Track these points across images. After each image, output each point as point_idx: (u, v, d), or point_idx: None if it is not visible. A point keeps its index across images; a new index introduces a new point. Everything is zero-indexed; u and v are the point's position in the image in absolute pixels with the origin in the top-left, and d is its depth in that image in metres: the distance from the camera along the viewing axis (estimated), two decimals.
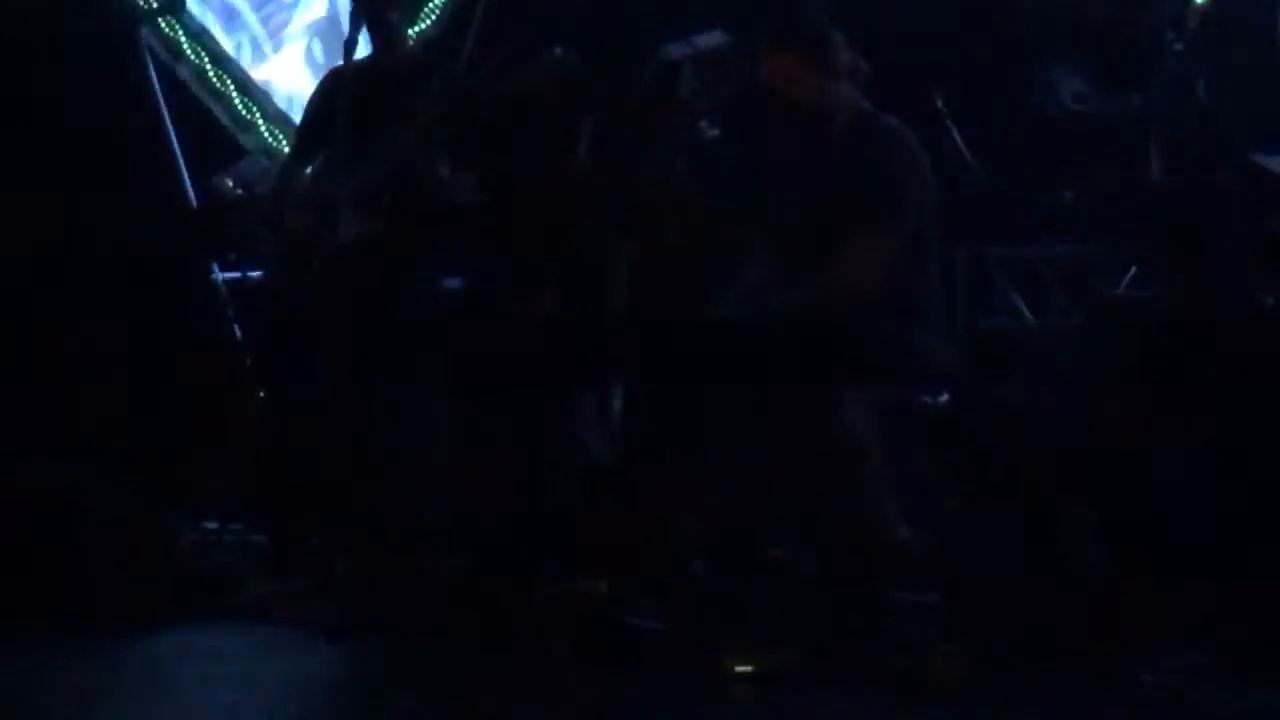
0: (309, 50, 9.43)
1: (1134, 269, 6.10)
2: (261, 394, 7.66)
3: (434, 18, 8.92)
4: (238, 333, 7.70)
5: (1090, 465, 5.35)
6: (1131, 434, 5.03)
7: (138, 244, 8.29)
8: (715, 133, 6.41)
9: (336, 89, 7.17)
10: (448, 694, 5.32)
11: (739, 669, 5.45)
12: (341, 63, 7.10)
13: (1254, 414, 4.70)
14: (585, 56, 6.45)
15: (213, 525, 7.49)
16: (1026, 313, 7.12)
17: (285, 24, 9.52)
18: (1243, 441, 4.70)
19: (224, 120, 9.25)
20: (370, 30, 7.16)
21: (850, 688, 5.26)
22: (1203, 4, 6.91)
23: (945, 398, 6.27)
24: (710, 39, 6.47)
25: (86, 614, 6.12)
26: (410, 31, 7.69)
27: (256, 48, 9.52)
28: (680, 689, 5.33)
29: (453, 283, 6.75)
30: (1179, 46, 6.28)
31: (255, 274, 7.73)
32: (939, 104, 6.17)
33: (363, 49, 7.07)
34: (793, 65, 6.35)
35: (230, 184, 7.89)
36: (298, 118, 8.11)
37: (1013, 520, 5.88)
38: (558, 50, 6.44)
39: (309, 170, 7.16)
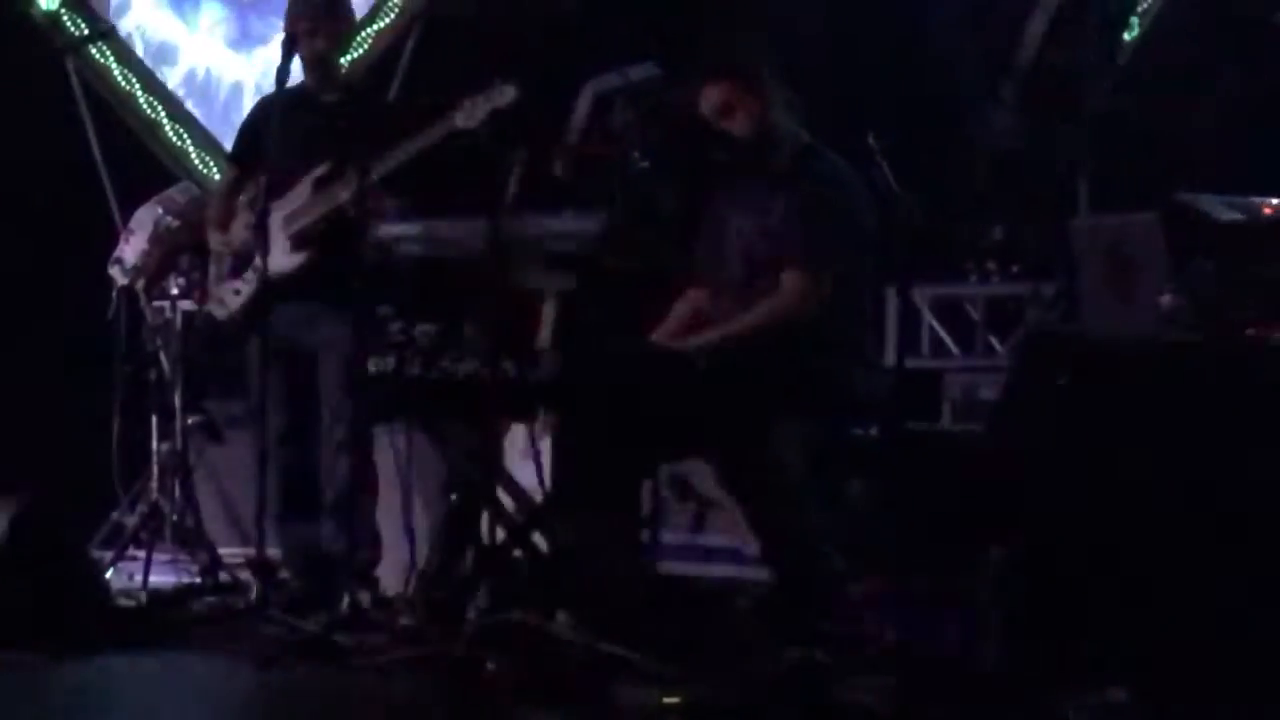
0: None
1: (1062, 304, 6.15)
2: (191, 421, 7.64)
3: (367, 45, 8.93)
4: (164, 364, 7.67)
5: (1018, 499, 5.38)
6: (1058, 467, 5.06)
7: (70, 271, 8.26)
8: (647, 165, 6.42)
9: (267, 117, 7.16)
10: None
11: (668, 700, 5.47)
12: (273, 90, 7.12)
13: (1178, 445, 4.73)
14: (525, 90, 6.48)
15: (140, 555, 7.46)
16: (954, 348, 7.17)
17: None
18: (1169, 472, 4.73)
19: (154, 148, 9.23)
20: (302, 58, 7.17)
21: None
22: (1132, 41, 6.98)
23: (874, 430, 6.30)
24: (642, 71, 6.49)
25: (14, 644, 6.11)
26: (343, 60, 7.65)
27: None
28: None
29: (383, 313, 6.74)
30: (1108, 85, 6.34)
31: (186, 302, 7.71)
32: (870, 139, 6.19)
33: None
34: (729, 96, 6.39)
35: (161, 211, 7.87)
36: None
37: (942, 554, 5.92)
38: (497, 83, 6.46)
39: (241, 199, 7.15)
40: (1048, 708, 4.99)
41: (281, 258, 6.89)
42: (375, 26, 8.79)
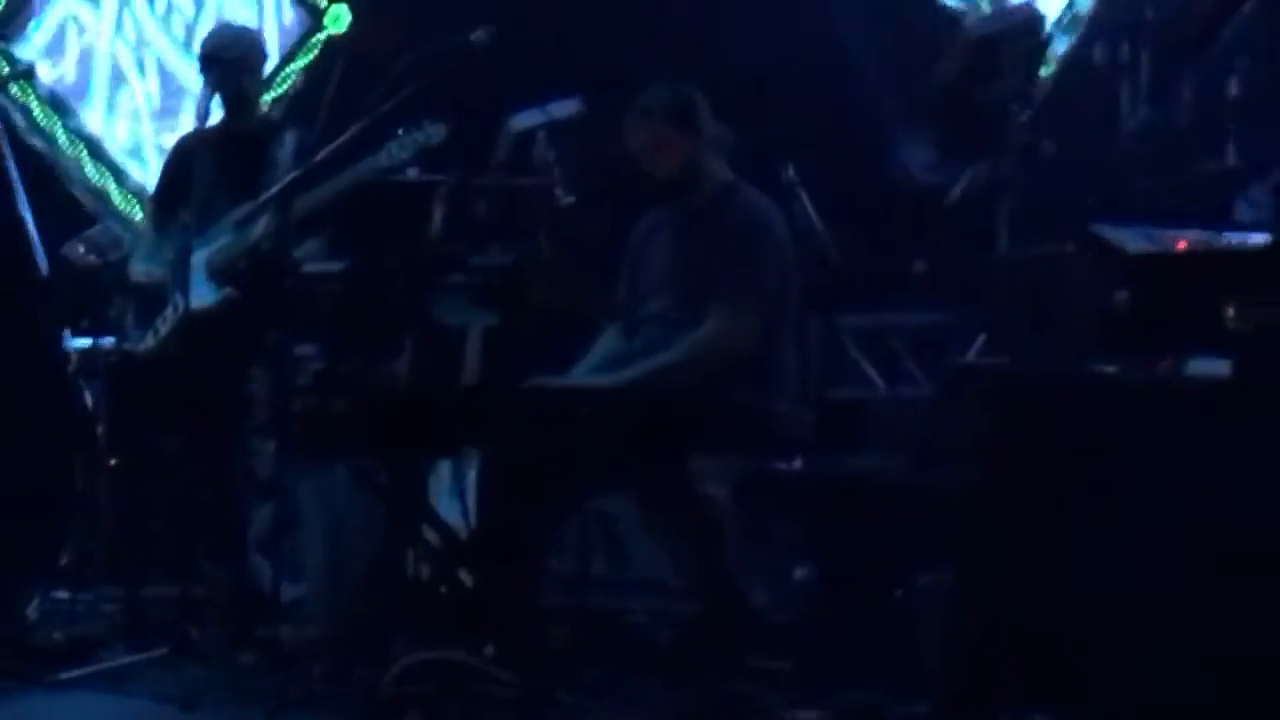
0: None
1: (982, 337, 6.19)
2: (113, 461, 7.61)
3: (289, 82, 8.94)
4: (88, 400, 7.65)
5: (941, 532, 5.42)
6: (982, 498, 5.10)
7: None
8: (571, 200, 6.45)
9: (190, 154, 7.17)
10: None
11: None
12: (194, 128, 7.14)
13: (1098, 474, 4.77)
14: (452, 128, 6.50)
15: (63, 595, 7.44)
16: (878, 380, 7.20)
17: None
18: (1090, 501, 4.77)
19: (76, 191, 9.22)
20: (222, 96, 7.18)
21: None
22: (1048, 77, 7.04)
23: (798, 464, 6.33)
24: (565, 107, 6.52)
25: None
26: (266, 97, 7.66)
27: None
28: None
29: (305, 351, 6.73)
30: (1025, 119, 6.39)
31: (107, 340, 7.69)
32: (790, 173, 6.25)
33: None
34: (659, 132, 6.41)
35: (83, 250, 7.85)
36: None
37: (865, 588, 5.96)
38: (425, 124, 6.48)
39: (163, 236, 7.15)
40: None
41: (202, 294, 6.90)
42: (296, 65, 8.83)
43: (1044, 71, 7.03)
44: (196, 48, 8.02)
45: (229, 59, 7.21)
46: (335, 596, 6.44)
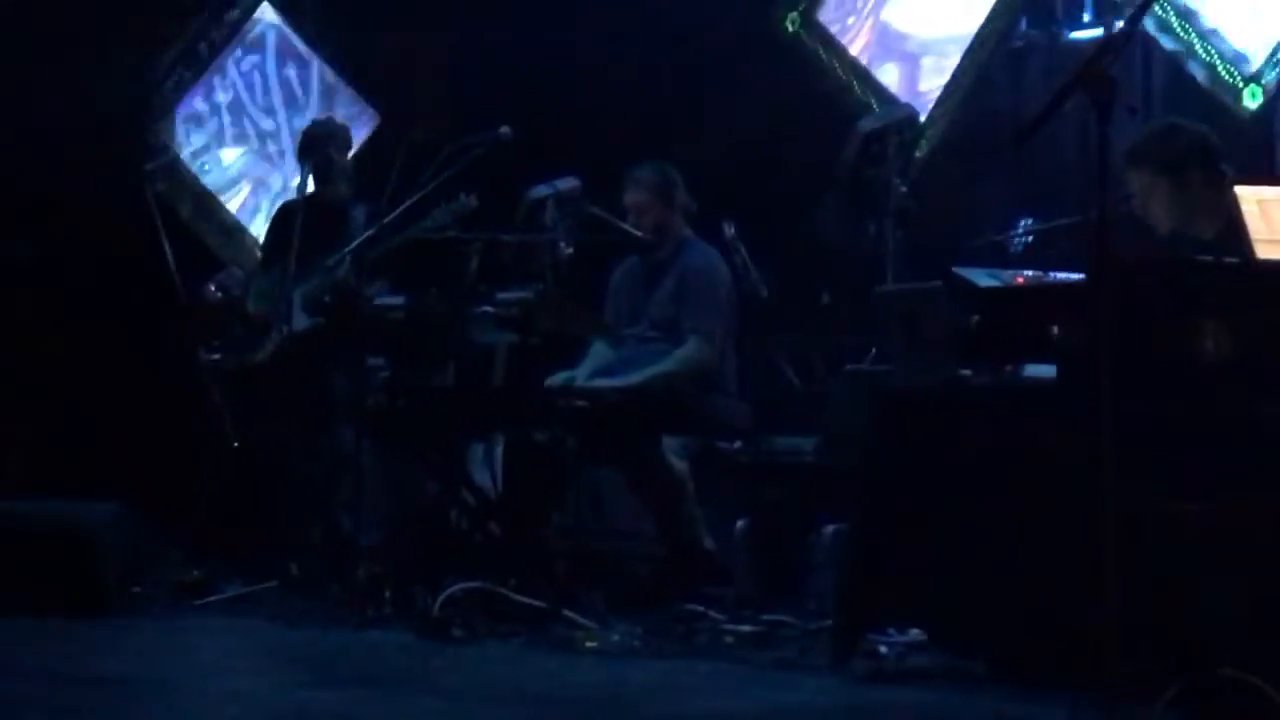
0: None
1: (873, 350, 6.17)
2: (235, 445, 7.58)
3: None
4: (216, 399, 7.62)
5: (840, 494, 5.43)
6: (869, 470, 5.09)
7: (145, 333, 8.20)
8: (570, 251, 6.43)
9: (288, 218, 7.15)
10: (375, 666, 5.32)
11: (589, 644, 5.49)
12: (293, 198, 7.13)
13: (956, 452, 4.78)
14: (481, 200, 6.49)
15: (199, 542, 7.40)
16: (798, 384, 7.17)
17: None
18: (951, 471, 4.77)
19: (207, 240, 9.19)
20: (314, 173, 7.16)
21: (673, 658, 5.30)
22: (921, 157, 7.03)
23: (738, 445, 6.32)
24: (567, 183, 6.51)
25: (102, 610, 6.08)
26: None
27: None
28: (546, 660, 5.35)
29: (376, 363, 6.71)
30: (904, 189, 6.38)
31: (230, 356, 7.65)
32: (730, 230, 6.24)
33: None
34: (643, 197, 6.43)
35: (212, 288, 7.83)
36: None
37: (785, 536, 5.96)
38: (463, 196, 6.47)
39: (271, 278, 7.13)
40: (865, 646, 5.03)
41: (300, 321, 6.89)
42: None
43: (918, 154, 6.99)
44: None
45: (321, 145, 7.19)
46: (398, 542, 6.40)
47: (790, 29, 7.83)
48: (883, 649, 5.02)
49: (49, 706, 4.64)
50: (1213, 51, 6.82)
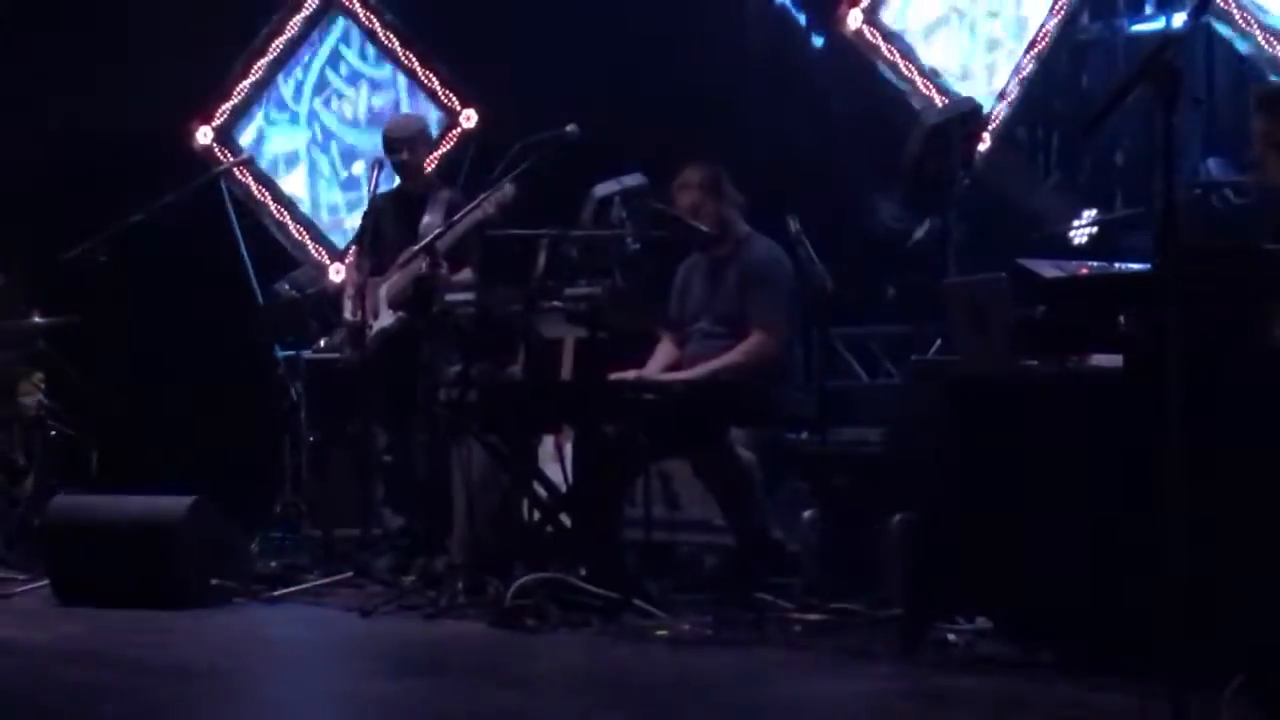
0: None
1: (938, 342, 6.14)
2: (311, 438, 7.62)
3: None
4: (294, 394, 7.66)
5: (907, 484, 5.39)
6: (937, 460, 5.06)
7: (222, 330, 8.25)
8: (637, 247, 6.41)
9: (374, 213, 7.19)
10: (449, 656, 5.33)
11: (659, 633, 5.47)
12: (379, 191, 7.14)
13: (1022, 442, 4.74)
14: (539, 199, 6.48)
15: (276, 535, 7.45)
16: (863, 375, 7.15)
17: None
18: (1018, 462, 4.74)
19: (282, 241, 9.22)
20: (396, 167, 7.18)
21: (743, 647, 5.28)
22: (985, 152, 6.98)
23: (804, 435, 6.29)
24: (633, 179, 6.49)
25: (181, 601, 6.13)
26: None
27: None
28: (618, 650, 5.34)
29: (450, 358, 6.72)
30: (967, 182, 6.34)
31: (305, 353, 7.69)
32: (795, 225, 6.20)
33: None
34: (695, 197, 6.40)
35: (287, 287, 7.87)
36: None
37: (853, 526, 5.92)
38: (505, 185, 6.46)
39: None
40: (933, 635, 5.00)
41: (385, 317, 6.91)
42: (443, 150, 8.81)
43: (981, 148, 6.95)
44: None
45: (403, 137, 7.21)
46: (471, 534, 6.41)
47: (853, 25, 7.79)
48: (950, 638, 5.01)
49: (129, 697, 4.67)
50: (1253, 23, 6.75)
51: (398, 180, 7.23)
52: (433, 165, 7.86)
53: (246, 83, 9.35)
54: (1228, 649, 3.90)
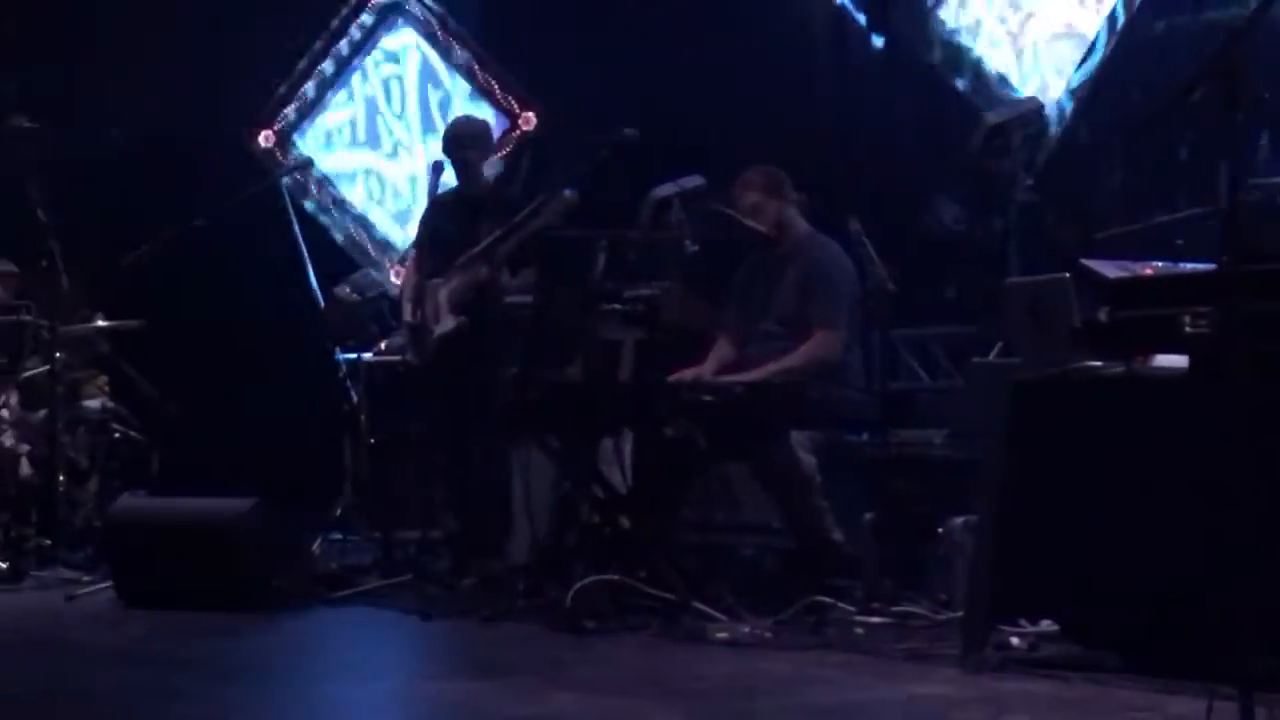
0: None
1: (999, 344, 6.09)
2: (372, 441, 7.64)
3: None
4: (354, 397, 7.68)
5: (969, 486, 5.35)
6: (999, 464, 5.02)
7: (286, 334, 8.29)
8: (696, 249, 6.40)
9: (434, 215, 7.20)
10: (508, 658, 5.33)
11: (719, 636, 5.45)
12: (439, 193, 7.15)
13: (1083, 440, 4.70)
14: (598, 201, 6.47)
15: (337, 537, 7.47)
16: (924, 376, 7.10)
17: None
18: (1079, 459, 4.70)
19: (343, 244, 9.26)
20: (457, 169, 7.18)
21: (804, 650, 5.25)
22: (1045, 152, 6.92)
23: (865, 437, 6.26)
24: (692, 181, 6.48)
25: (242, 603, 6.16)
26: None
27: None
28: (677, 653, 5.32)
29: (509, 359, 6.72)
30: (1030, 183, 6.28)
31: (366, 355, 7.71)
32: (855, 226, 6.17)
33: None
34: (755, 198, 6.37)
35: (348, 290, 7.89)
36: None
37: (914, 528, 5.89)
38: (566, 192, 6.46)
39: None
40: (996, 637, 4.97)
41: (445, 321, 6.92)
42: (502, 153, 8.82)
43: (1044, 147, 6.90)
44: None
45: (465, 142, 7.21)
46: (531, 536, 6.41)
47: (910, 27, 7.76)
48: (1014, 640, 4.96)
49: (192, 699, 4.69)
50: None
51: (456, 182, 7.23)
52: (492, 168, 7.86)
53: (308, 86, 9.39)
54: None
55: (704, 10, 7.90)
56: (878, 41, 7.90)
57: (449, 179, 7.17)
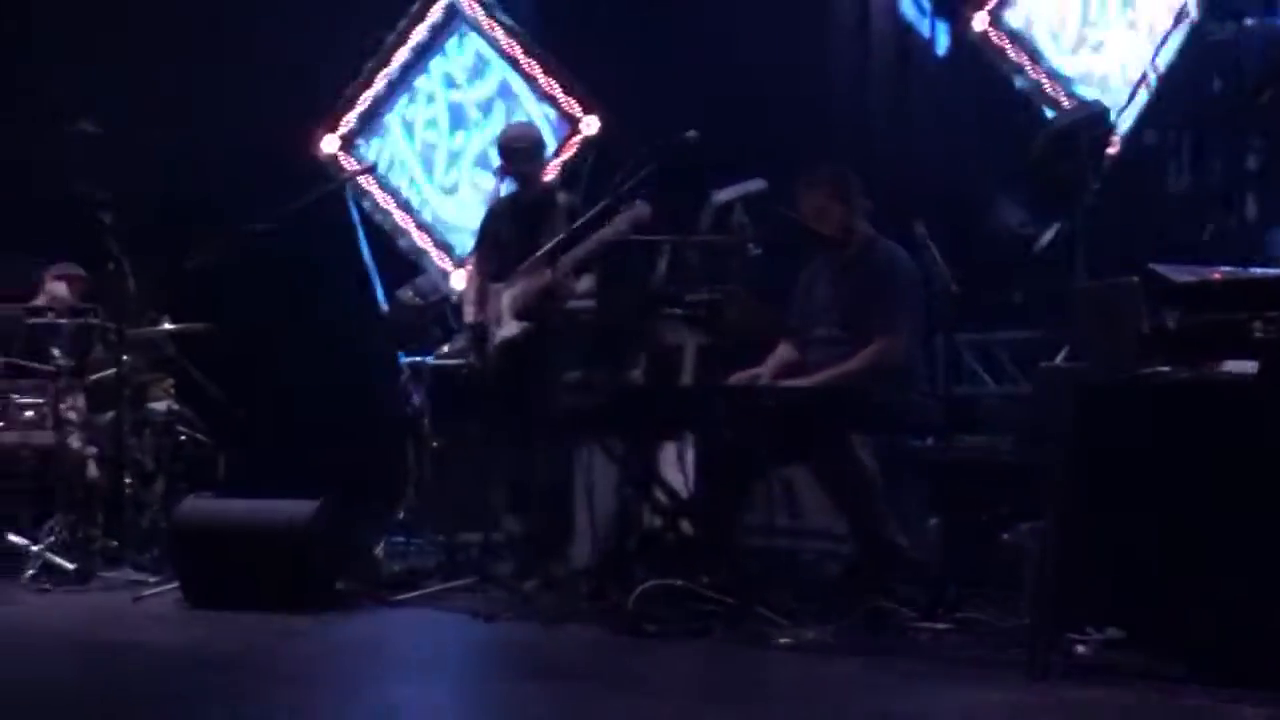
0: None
1: (1066, 348, 6.05)
2: (434, 444, 7.66)
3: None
4: (416, 400, 7.70)
5: (1036, 492, 5.31)
6: (1067, 470, 4.98)
7: (350, 337, 8.33)
8: (759, 252, 6.38)
9: (493, 218, 7.22)
10: (570, 661, 5.33)
11: (782, 641, 5.44)
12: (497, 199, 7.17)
13: (1153, 448, 4.66)
14: (659, 205, 6.46)
15: (400, 539, 7.50)
16: (989, 381, 7.06)
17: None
18: (1149, 468, 4.67)
19: (405, 248, 9.29)
20: (513, 174, 7.20)
21: (867, 655, 5.23)
22: (1114, 155, 6.86)
23: (929, 442, 6.23)
24: (754, 185, 6.46)
25: (307, 604, 6.19)
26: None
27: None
28: (739, 657, 5.32)
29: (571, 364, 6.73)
30: (1095, 186, 6.23)
31: (428, 359, 7.74)
32: (920, 229, 6.13)
33: None
34: (821, 200, 6.32)
35: (410, 294, 7.92)
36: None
37: (980, 533, 5.85)
38: (638, 203, 6.45)
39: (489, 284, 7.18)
40: (1062, 644, 4.93)
41: (509, 326, 6.93)
42: (564, 157, 8.83)
43: (1110, 151, 6.84)
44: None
45: (519, 148, 7.23)
46: (593, 540, 6.42)
47: (978, 27, 7.71)
48: (1079, 648, 4.93)
49: (257, 699, 4.73)
50: None
51: (514, 187, 7.24)
52: (554, 171, 7.88)
53: (370, 92, 9.44)
54: None
55: (766, 11, 7.88)
56: (942, 43, 7.87)
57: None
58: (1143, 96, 7.36)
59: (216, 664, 5.28)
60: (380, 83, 9.46)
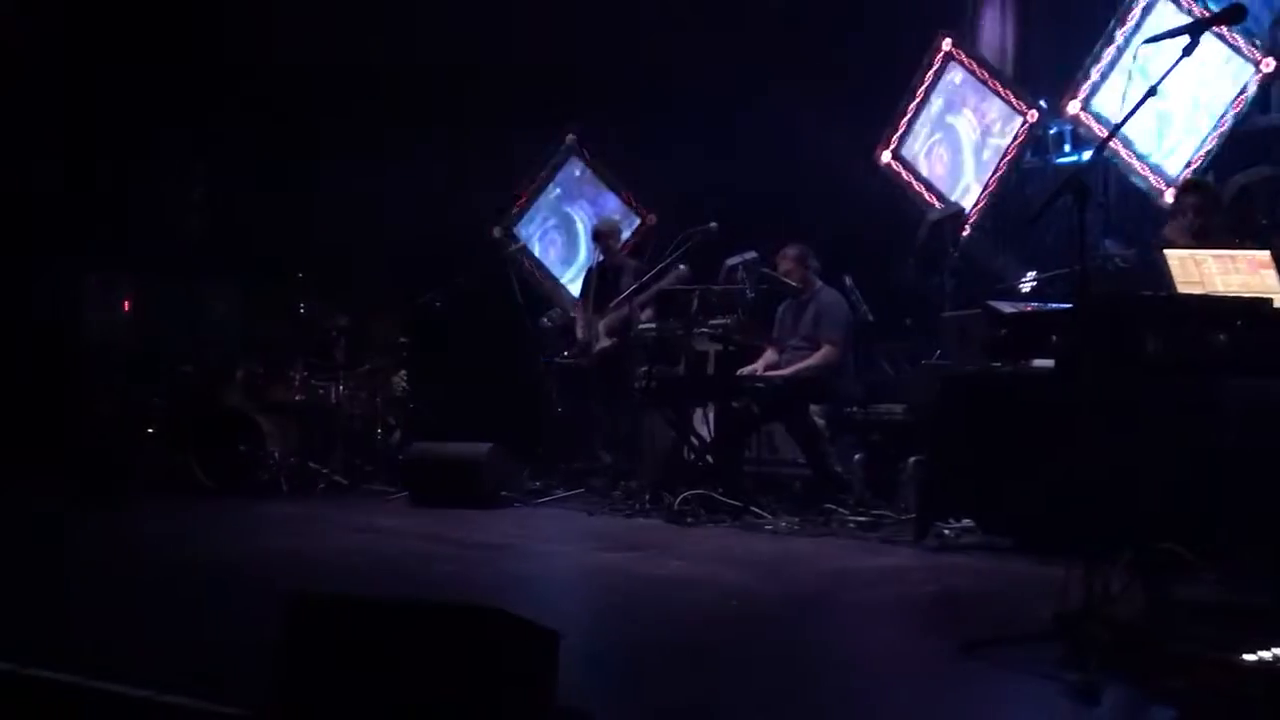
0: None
1: (937, 352, 5.98)
2: (559, 410, 7.63)
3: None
4: (550, 386, 7.68)
5: (918, 439, 5.25)
6: (929, 425, 4.92)
7: (511, 348, 8.29)
8: (753, 296, 6.38)
9: (590, 276, 7.22)
10: (641, 539, 5.21)
11: (767, 529, 5.36)
12: (591, 265, 7.17)
13: (992, 414, 4.60)
14: (693, 267, 6.44)
15: (539, 466, 7.43)
16: (890, 371, 6.98)
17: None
18: (989, 426, 4.60)
19: (545, 294, 9.26)
20: (601, 249, 7.20)
21: (818, 537, 5.18)
22: (966, 237, 6.74)
23: (855, 409, 6.19)
24: (750, 254, 6.46)
25: (484, 504, 6.18)
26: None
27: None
28: (742, 537, 5.22)
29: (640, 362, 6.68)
30: (956, 255, 6.16)
31: (557, 360, 7.71)
32: (849, 281, 6.13)
33: None
34: (790, 264, 6.34)
35: (547, 321, 7.92)
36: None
37: (889, 465, 5.81)
38: (681, 267, 6.46)
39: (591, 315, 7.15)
40: (934, 530, 4.88)
41: (604, 341, 6.95)
42: (625, 235, 8.63)
43: (964, 233, 6.74)
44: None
45: (606, 230, 7.24)
46: (653, 464, 6.42)
47: (883, 160, 7.63)
48: (945, 531, 4.91)
49: (453, 560, 4.74)
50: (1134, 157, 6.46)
51: (602, 256, 7.27)
52: (628, 248, 7.88)
53: (548, 195, 9.23)
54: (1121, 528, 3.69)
55: (770, 138, 7.75)
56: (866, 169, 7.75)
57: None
58: (984, 203, 7.25)
59: (429, 539, 5.22)
60: (542, 188, 9.35)
